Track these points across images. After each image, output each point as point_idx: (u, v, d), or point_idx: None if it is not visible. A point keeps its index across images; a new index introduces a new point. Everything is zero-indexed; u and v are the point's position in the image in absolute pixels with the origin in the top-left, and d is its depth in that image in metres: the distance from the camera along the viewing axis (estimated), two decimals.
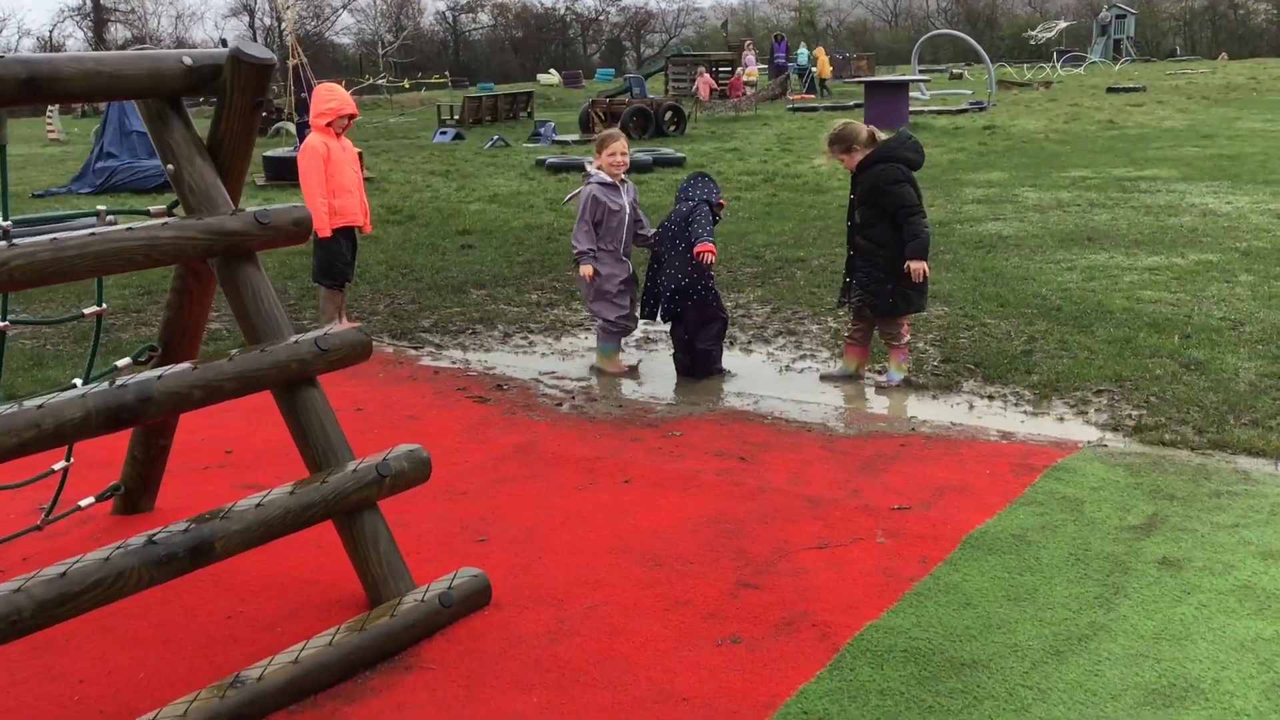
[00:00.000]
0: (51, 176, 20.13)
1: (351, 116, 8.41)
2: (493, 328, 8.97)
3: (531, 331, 8.84)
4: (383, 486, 4.37)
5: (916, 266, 6.92)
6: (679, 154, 19.61)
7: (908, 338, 7.27)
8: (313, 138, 8.29)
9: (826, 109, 33.42)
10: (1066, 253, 11.02)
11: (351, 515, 4.34)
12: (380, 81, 48.52)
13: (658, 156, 19.18)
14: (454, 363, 8.01)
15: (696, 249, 7.20)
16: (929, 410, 6.79)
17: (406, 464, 4.48)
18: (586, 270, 7.51)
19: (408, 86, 49.52)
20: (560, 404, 6.99)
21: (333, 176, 8.22)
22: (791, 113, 32.65)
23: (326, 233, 8.25)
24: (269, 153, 18.30)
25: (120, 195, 17.12)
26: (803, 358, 7.98)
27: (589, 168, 7.61)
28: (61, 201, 17.00)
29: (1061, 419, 6.52)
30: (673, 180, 17.16)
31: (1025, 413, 6.67)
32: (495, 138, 24.15)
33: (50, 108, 32.56)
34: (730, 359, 7.81)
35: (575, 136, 25.05)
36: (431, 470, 4.53)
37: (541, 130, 24.98)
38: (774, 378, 7.52)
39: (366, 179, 17.83)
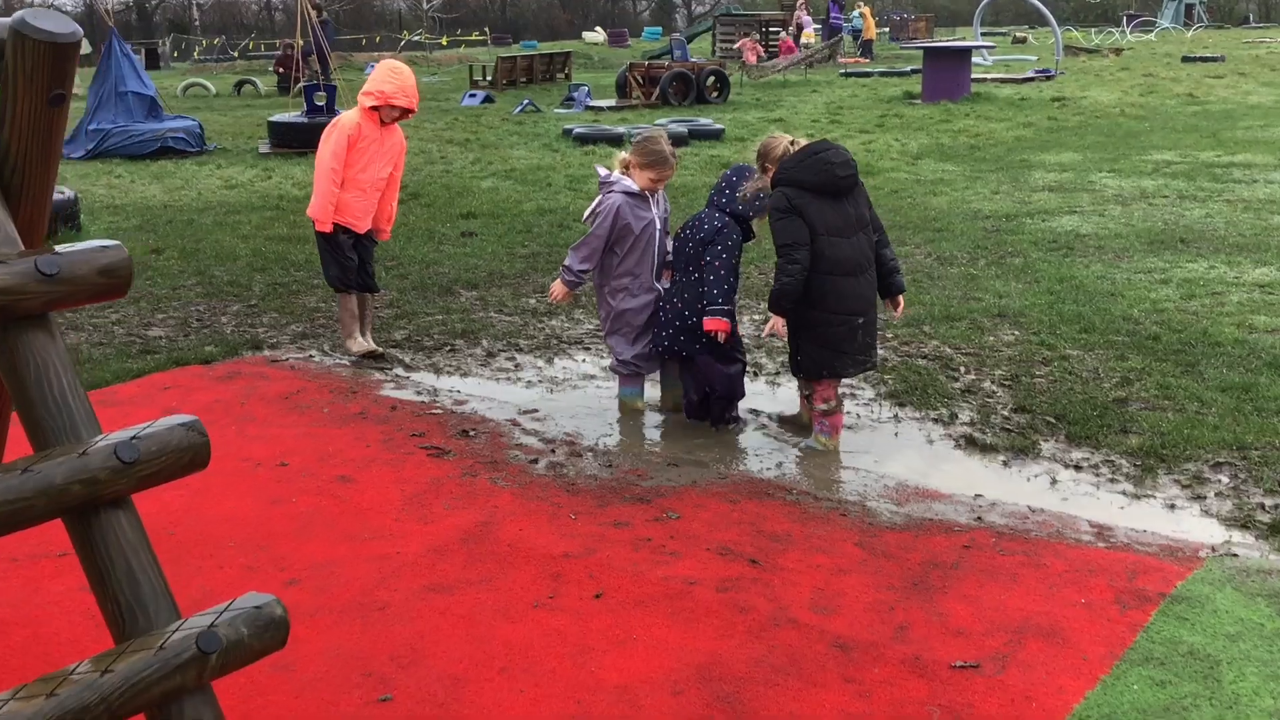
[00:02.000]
0: None
1: (406, 111, 7.01)
2: (476, 343, 7.57)
3: (520, 350, 7.44)
4: (206, 668, 2.97)
5: (771, 321, 5.67)
6: (717, 125, 18.06)
7: (831, 403, 5.76)
8: (349, 115, 6.99)
9: (880, 74, 31.62)
10: (1157, 259, 9.44)
11: (161, 708, 2.95)
12: (417, 37, 47.01)
13: (694, 128, 17.65)
14: (419, 393, 6.63)
15: (706, 324, 5.75)
16: (999, 484, 5.34)
17: (246, 630, 3.07)
18: (556, 289, 6.17)
19: (445, 44, 47.96)
20: (536, 460, 5.60)
21: (350, 165, 6.92)
22: (844, 78, 30.89)
23: (327, 227, 7.01)
24: (276, 116, 16.94)
25: (112, 161, 15.85)
26: (841, 395, 6.51)
27: (607, 171, 6.14)
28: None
29: (1173, 505, 5.06)
30: (709, 157, 15.66)
31: (1125, 493, 5.20)
32: (525, 102, 22.68)
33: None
34: (755, 391, 6.38)
35: (611, 102, 23.53)
36: (287, 634, 3.12)
37: (575, 95, 23.47)
38: (803, 423, 6.06)
39: None
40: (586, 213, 6.27)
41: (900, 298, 5.90)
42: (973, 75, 24.93)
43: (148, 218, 11.96)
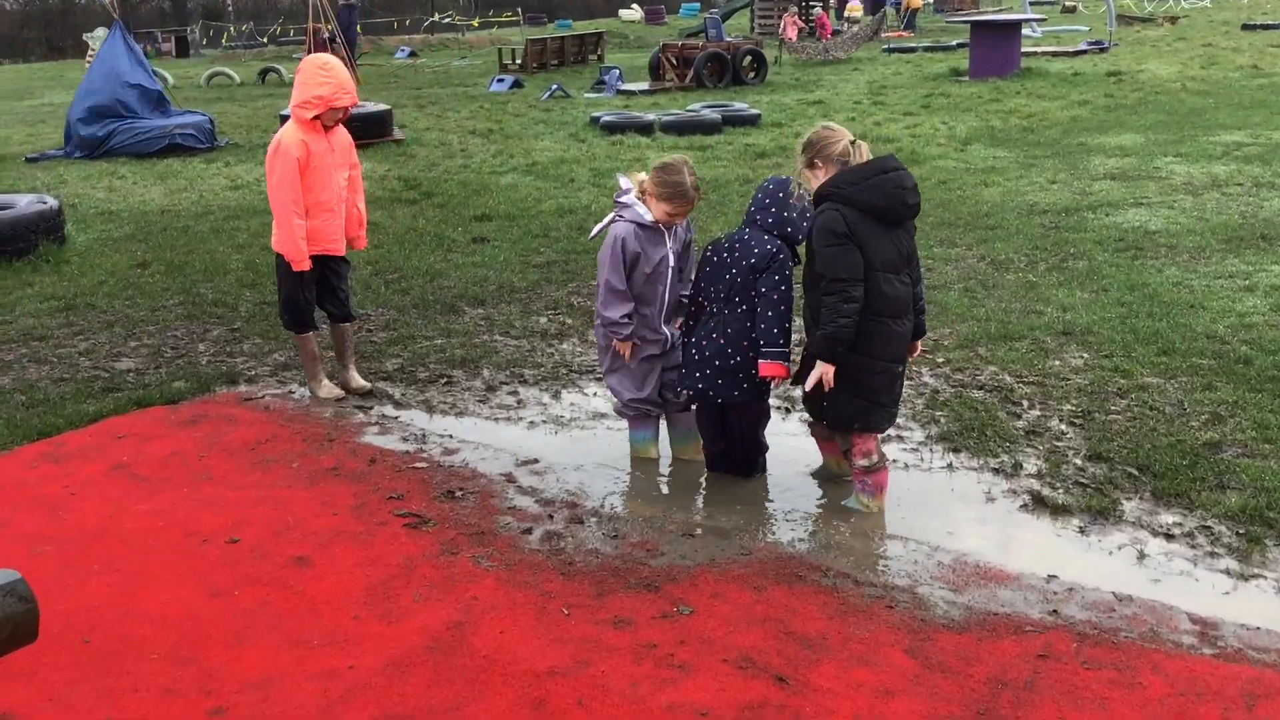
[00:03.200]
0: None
1: (348, 109, 6.19)
2: (476, 373, 6.77)
3: (524, 381, 6.62)
4: None
5: (816, 369, 4.73)
6: (753, 110, 17.13)
7: (873, 458, 4.92)
8: (289, 132, 6.10)
9: (925, 49, 30.46)
10: (1239, 260, 8.47)
11: None
12: (448, 19, 46.14)
13: (729, 113, 16.74)
14: (405, 438, 5.83)
15: (763, 368, 4.90)
16: (1076, 559, 4.48)
17: None
18: (625, 348, 5.30)
19: (477, 25, 47.04)
20: (529, 530, 4.80)
21: (310, 189, 6.11)
22: (887, 54, 29.77)
23: (305, 265, 6.18)
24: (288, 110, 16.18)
25: (117, 161, 15.17)
26: (884, 441, 5.65)
27: (623, 194, 5.27)
28: (50, 167, 15.10)
29: None
30: (744, 145, 14.76)
31: (1229, 572, 4.34)
32: (554, 87, 21.82)
33: (89, 35, 30.48)
34: (784, 430, 5.54)
35: (643, 85, 22.62)
36: None
37: (605, 78, 22.58)
38: (831, 474, 5.19)
39: (396, 141, 15.73)
40: (594, 231, 5.44)
41: (918, 342, 5.04)
42: (1022, 49, 23.79)
43: (141, 225, 11.24)
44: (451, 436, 5.87)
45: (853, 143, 4.64)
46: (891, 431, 5.70)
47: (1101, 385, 6.15)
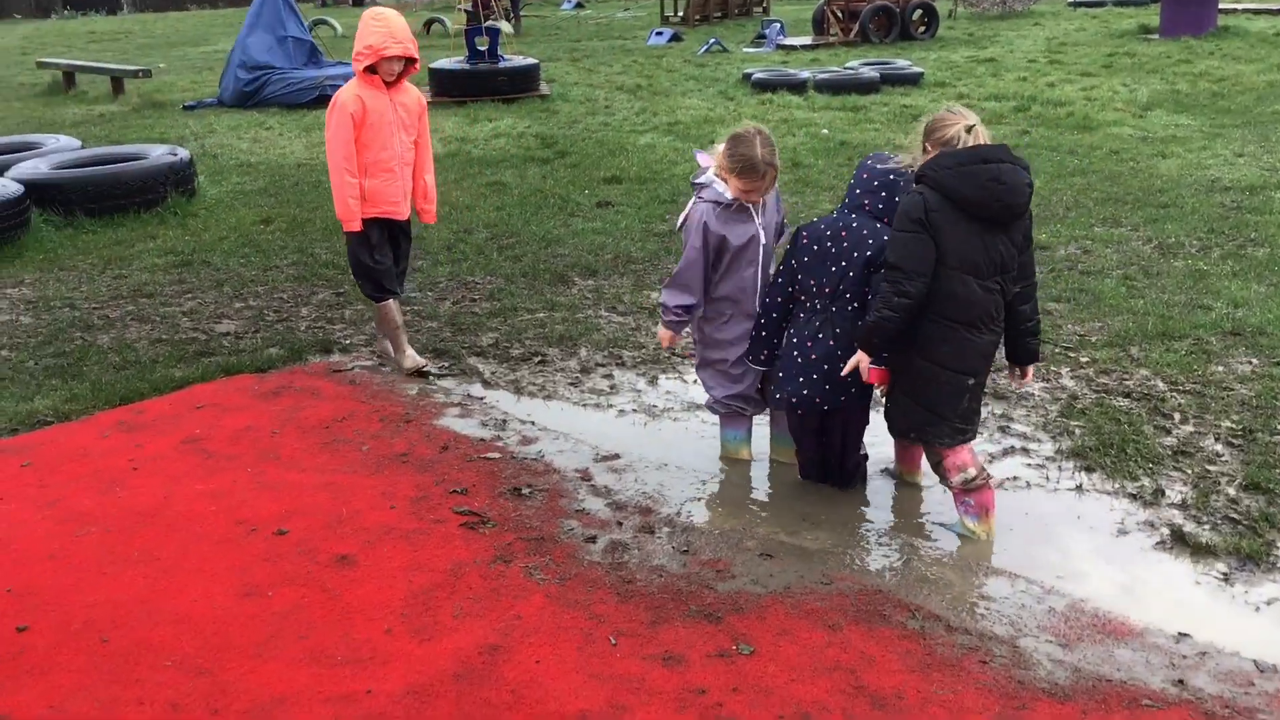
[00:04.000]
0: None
1: (409, 61, 5.84)
2: (573, 352, 6.37)
3: (621, 364, 6.19)
4: None
5: (854, 358, 4.28)
6: (915, 68, 16.22)
7: (970, 473, 4.32)
8: (347, 88, 5.84)
9: (1116, 3, 28.67)
10: None
11: None
12: None
13: (888, 71, 15.88)
14: (485, 422, 5.48)
15: (873, 374, 4.34)
16: (1214, 614, 3.87)
17: None
18: (664, 335, 4.84)
19: None
20: (594, 538, 4.38)
21: (367, 147, 5.81)
22: (1072, 8, 28.12)
23: (356, 225, 5.90)
24: (437, 63, 16.01)
25: (268, 111, 15.22)
26: (1007, 452, 5.05)
27: (703, 173, 4.77)
28: (204, 115, 15.23)
29: None
30: (900, 107, 13.96)
31: None
32: (711, 41, 21.17)
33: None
34: (882, 441, 4.99)
35: (805, 40, 21.76)
36: None
37: (766, 31, 21.79)
38: (942, 492, 4.61)
39: (541, 96, 15.33)
40: (678, 221, 4.95)
41: (1030, 368, 4.44)
42: (1220, 5, 22.09)
43: (275, 179, 11.16)
44: (533, 423, 5.49)
45: (969, 129, 4.06)
46: (1016, 443, 5.09)
47: (1270, 399, 5.40)
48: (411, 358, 6.09)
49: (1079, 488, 4.73)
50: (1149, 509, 4.53)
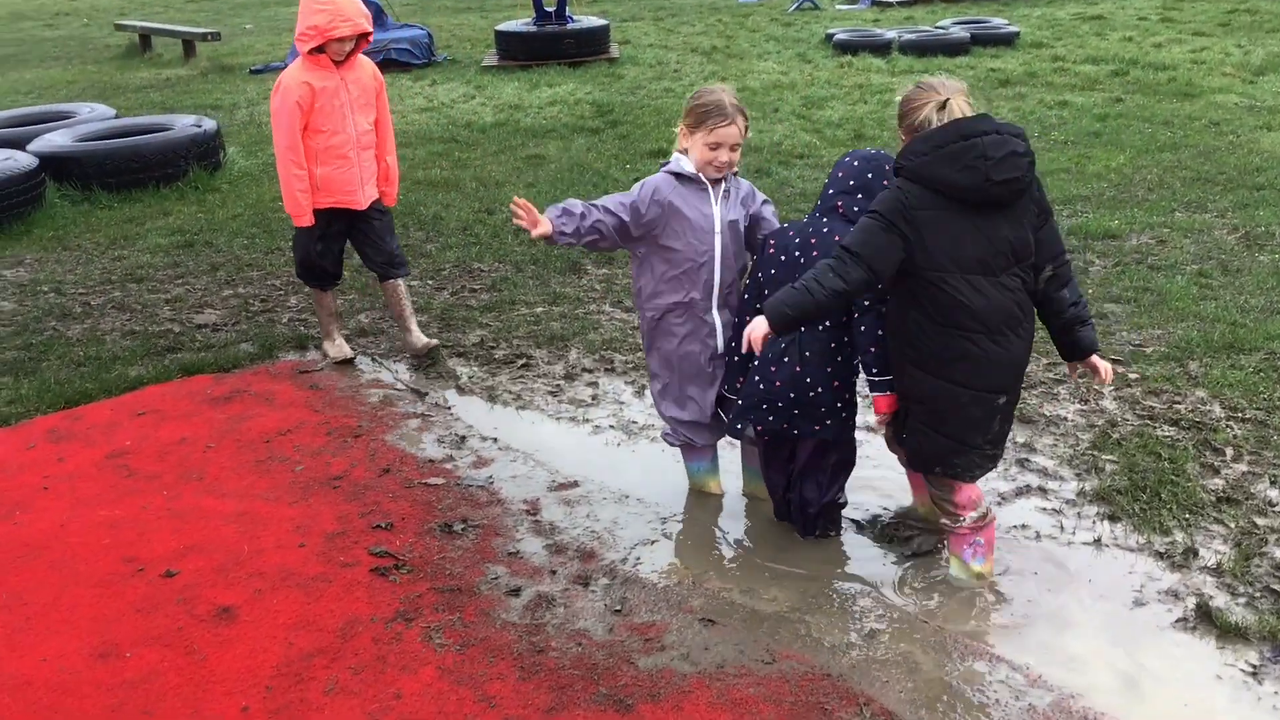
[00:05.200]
0: None
1: (363, 37, 5.32)
2: (561, 355, 5.79)
3: (612, 371, 5.60)
4: None
5: (751, 331, 3.53)
6: (1012, 27, 15.14)
7: (982, 507, 3.71)
8: (291, 71, 5.31)
9: None
10: None
11: None
12: None
13: (981, 31, 14.84)
14: (441, 439, 4.96)
15: (877, 404, 3.78)
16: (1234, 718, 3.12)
17: None
18: (536, 219, 3.92)
19: None
20: (516, 592, 3.82)
21: (318, 131, 5.34)
22: None
23: (306, 220, 5.45)
24: (503, 24, 15.44)
25: None
26: (1020, 493, 4.35)
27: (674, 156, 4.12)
28: (268, 79, 14.87)
29: None
30: (987, 71, 13.00)
31: None
32: None
33: None
34: (872, 460, 4.32)
35: None
36: None
37: None
38: (934, 544, 3.95)
39: (609, 59, 14.63)
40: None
41: (1098, 359, 3.69)
42: None
43: None
44: (495, 440, 4.94)
45: (941, 105, 3.38)
46: (1034, 480, 4.38)
47: None
48: (338, 346, 5.81)
49: (1097, 541, 4.02)
50: (1176, 572, 3.81)
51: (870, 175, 3.79)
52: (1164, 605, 3.66)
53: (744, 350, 3.60)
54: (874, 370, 3.73)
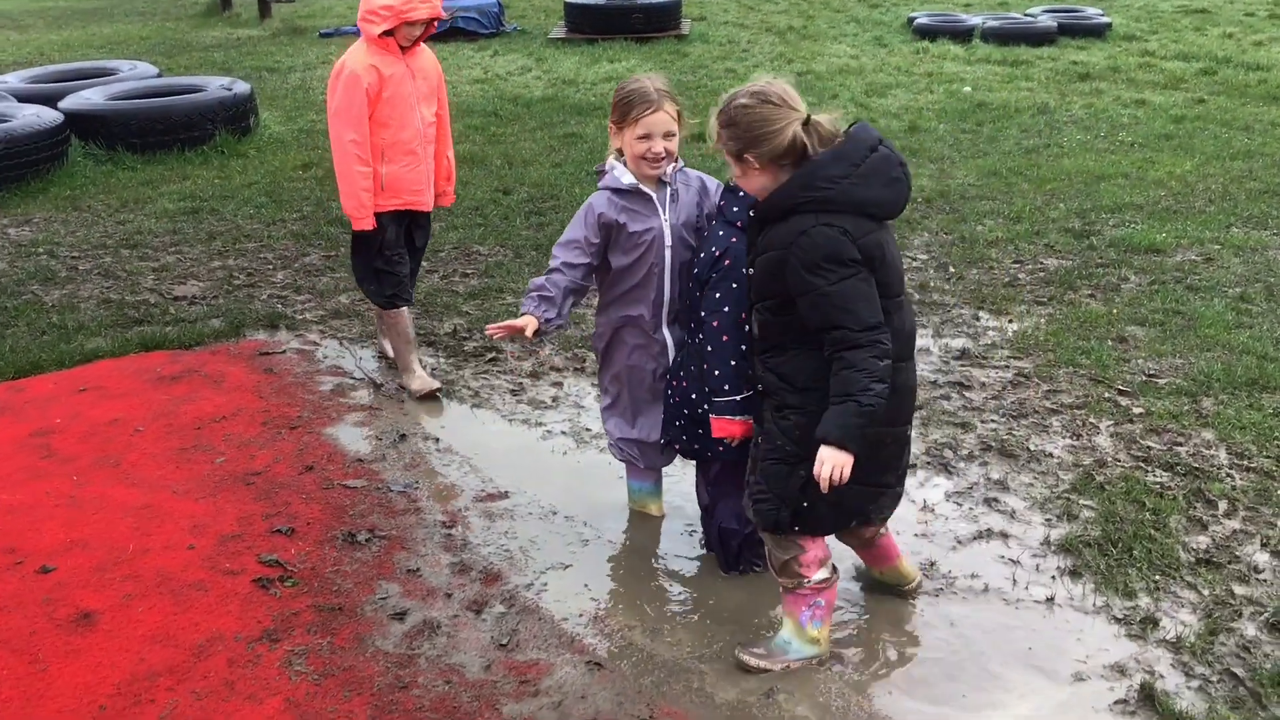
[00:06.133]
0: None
1: (432, 21, 4.75)
2: (534, 350, 5.49)
3: (582, 371, 5.30)
4: None
5: (828, 461, 2.89)
6: (1104, 17, 14.39)
7: (824, 569, 3.25)
8: (355, 54, 4.71)
9: None
10: None
11: None
12: None
13: (1070, 21, 14.13)
14: (380, 437, 4.71)
15: (715, 427, 3.38)
16: None
17: None
18: (516, 324, 3.62)
19: None
20: (401, 617, 3.55)
21: (385, 125, 4.74)
22: None
23: (368, 223, 4.82)
24: None
25: None
26: (978, 538, 3.95)
27: (611, 162, 3.76)
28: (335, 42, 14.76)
29: None
30: (1069, 64, 12.37)
31: None
32: None
33: None
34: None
35: None
36: None
37: None
38: (874, 591, 3.58)
39: (678, 36, 14.19)
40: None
41: None
42: None
43: None
44: (437, 441, 4.66)
45: (806, 124, 2.94)
46: (996, 524, 3.98)
47: None
48: (421, 378, 5.06)
49: (1049, 600, 3.60)
50: (1131, 644, 3.38)
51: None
52: (1106, 682, 3.24)
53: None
54: (726, 388, 3.35)
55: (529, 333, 3.56)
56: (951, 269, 6.47)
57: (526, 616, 3.55)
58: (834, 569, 3.30)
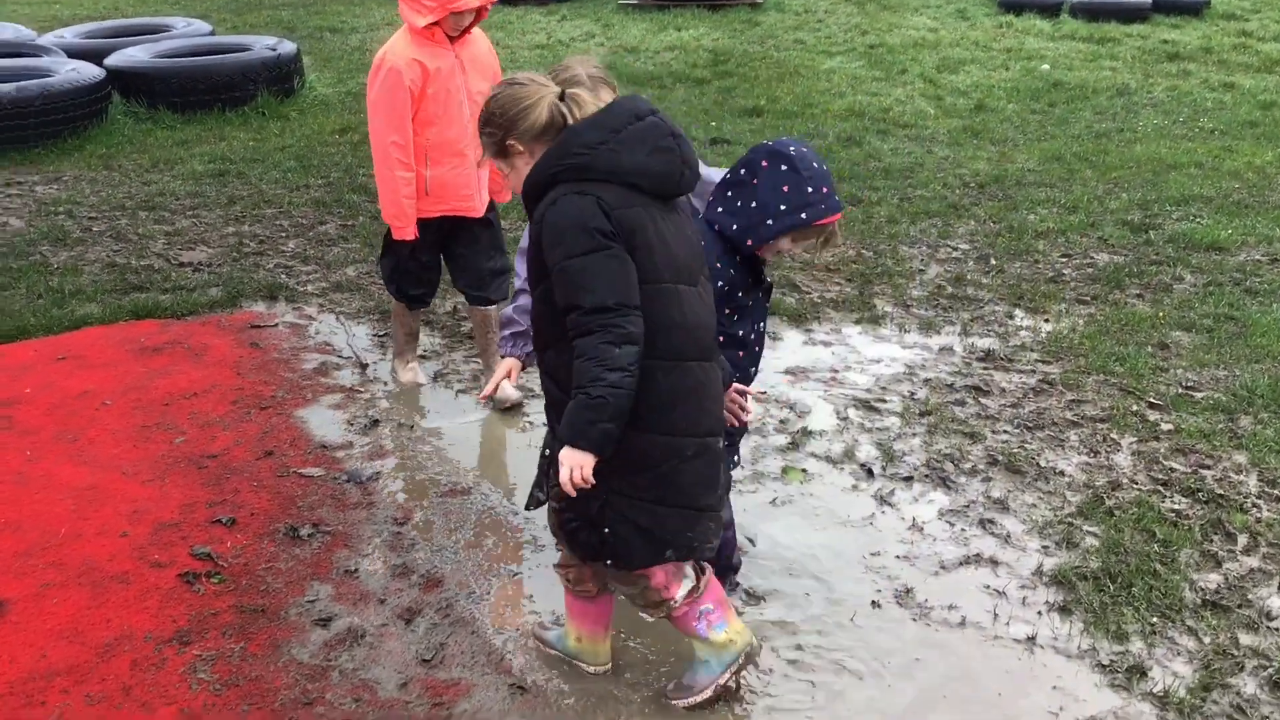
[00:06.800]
0: None
1: (480, 10, 4.27)
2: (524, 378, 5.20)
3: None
4: None
5: (564, 461, 2.53)
6: None
7: (689, 576, 2.88)
8: (397, 46, 4.22)
9: None
10: None
11: None
12: None
13: None
14: (351, 422, 4.51)
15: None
16: None
17: None
18: (498, 377, 3.24)
19: None
20: (326, 623, 3.34)
21: (430, 124, 4.27)
22: None
23: (410, 233, 4.39)
24: None
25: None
26: (964, 563, 3.62)
27: None
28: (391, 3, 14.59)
29: None
30: (1159, 42, 11.75)
31: None
32: None
33: None
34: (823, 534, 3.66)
35: None
36: None
37: None
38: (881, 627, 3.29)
39: (751, 4, 13.75)
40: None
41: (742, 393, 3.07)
42: None
43: None
44: (411, 428, 4.44)
45: (562, 96, 2.64)
46: (987, 549, 3.64)
47: None
48: (412, 370, 4.83)
49: (1030, 640, 3.26)
50: (1112, 695, 3.04)
51: (743, 168, 3.06)
52: None
53: (570, 489, 2.56)
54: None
55: (513, 377, 3.26)
56: (992, 261, 6.07)
57: (459, 629, 3.31)
58: (699, 569, 2.91)
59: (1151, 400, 4.54)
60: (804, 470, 4.14)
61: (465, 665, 3.16)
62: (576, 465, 2.49)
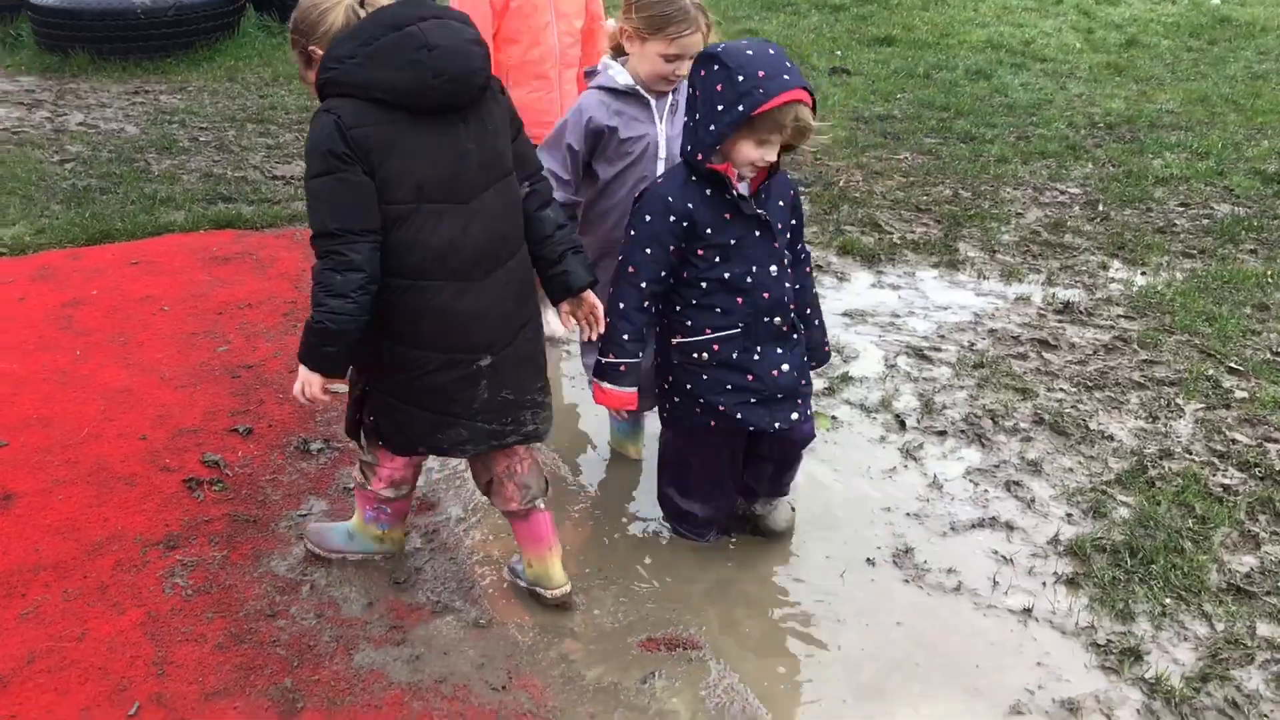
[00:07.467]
0: None
1: None
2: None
3: None
4: None
5: (299, 378, 2.70)
6: None
7: (403, 489, 3.10)
8: None
9: None
10: None
11: None
12: None
13: None
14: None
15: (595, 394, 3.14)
16: None
17: None
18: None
19: None
20: (283, 595, 3.34)
21: (511, 42, 4.05)
22: None
23: None
24: None
25: None
26: (982, 524, 3.43)
27: (606, 61, 3.36)
28: None
29: None
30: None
31: None
32: None
33: None
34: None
35: None
36: None
37: None
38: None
39: None
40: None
41: (588, 297, 2.95)
42: None
43: None
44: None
45: (362, 3, 2.59)
46: (1003, 512, 3.44)
47: None
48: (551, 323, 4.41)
49: (1025, 612, 3.07)
50: (1099, 677, 2.84)
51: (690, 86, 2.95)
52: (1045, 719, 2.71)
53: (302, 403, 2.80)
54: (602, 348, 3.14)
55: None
56: (1100, 207, 5.70)
57: (438, 555, 3.30)
58: (408, 490, 3.11)
59: (1232, 365, 4.21)
60: (833, 417, 3.96)
61: (432, 592, 3.14)
62: (305, 383, 2.67)
